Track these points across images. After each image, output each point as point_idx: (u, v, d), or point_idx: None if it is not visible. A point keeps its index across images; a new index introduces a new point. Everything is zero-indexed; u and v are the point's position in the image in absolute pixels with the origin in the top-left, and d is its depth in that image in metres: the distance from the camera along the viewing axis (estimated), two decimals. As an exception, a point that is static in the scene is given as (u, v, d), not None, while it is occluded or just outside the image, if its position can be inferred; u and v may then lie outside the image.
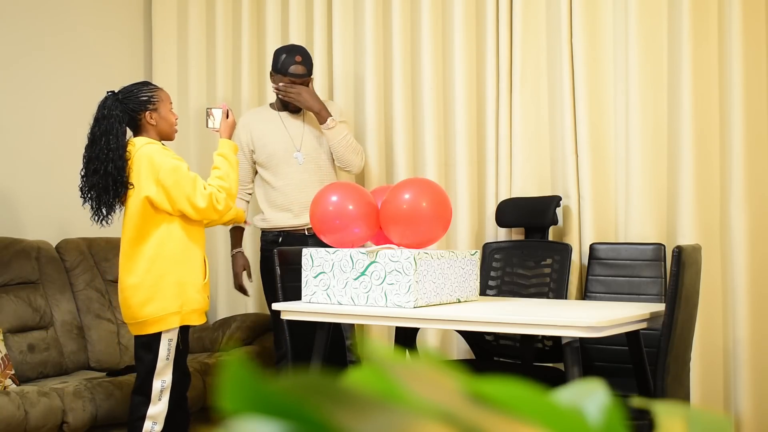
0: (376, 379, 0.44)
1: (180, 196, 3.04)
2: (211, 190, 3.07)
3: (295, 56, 3.84)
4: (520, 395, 0.44)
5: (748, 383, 3.48)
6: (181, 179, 3.05)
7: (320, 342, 3.09)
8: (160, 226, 3.08)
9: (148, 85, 3.23)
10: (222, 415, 0.40)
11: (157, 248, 3.08)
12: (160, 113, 3.18)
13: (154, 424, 3.09)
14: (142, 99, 3.16)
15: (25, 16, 4.31)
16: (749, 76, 3.52)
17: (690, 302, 2.89)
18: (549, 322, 2.64)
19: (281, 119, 3.96)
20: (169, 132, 3.22)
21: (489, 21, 4.01)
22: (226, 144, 3.22)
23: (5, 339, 3.67)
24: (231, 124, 3.29)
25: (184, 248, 3.11)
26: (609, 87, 3.80)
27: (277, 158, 3.90)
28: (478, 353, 3.80)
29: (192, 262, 3.13)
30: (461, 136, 4.05)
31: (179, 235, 3.10)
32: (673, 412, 0.50)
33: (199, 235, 3.18)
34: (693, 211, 3.55)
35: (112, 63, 4.70)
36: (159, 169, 3.05)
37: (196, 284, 3.13)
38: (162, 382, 3.10)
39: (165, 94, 3.24)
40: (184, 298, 3.10)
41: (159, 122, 3.17)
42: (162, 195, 3.05)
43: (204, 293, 3.17)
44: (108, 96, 3.16)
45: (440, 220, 3.04)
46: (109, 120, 3.09)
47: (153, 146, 3.10)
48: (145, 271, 3.08)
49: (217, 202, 3.07)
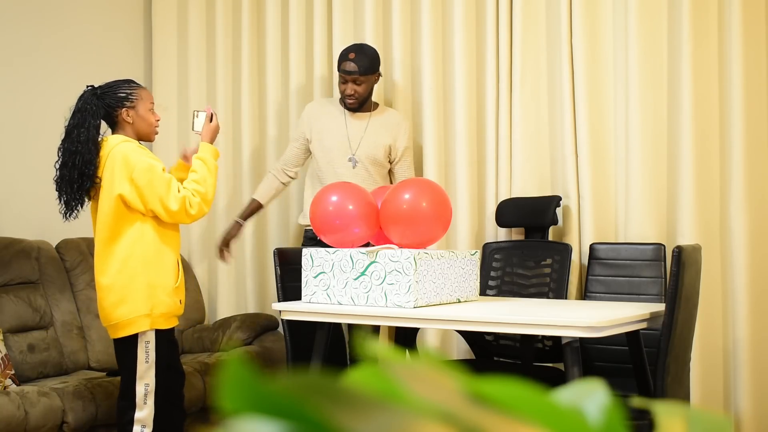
0: (376, 379, 0.44)
1: (152, 197, 2.99)
2: (185, 193, 3.02)
3: (349, 54, 3.81)
4: (520, 395, 0.44)
5: (748, 383, 3.48)
6: (155, 180, 2.99)
7: (320, 342, 3.09)
8: (133, 225, 3.03)
9: (129, 82, 3.17)
10: (222, 415, 0.40)
11: (129, 249, 3.03)
12: (137, 111, 3.12)
13: (143, 427, 3.05)
14: (119, 95, 3.11)
15: (25, 16, 4.31)
16: (749, 76, 3.52)
17: (690, 302, 2.89)
18: (549, 322, 2.64)
19: (345, 117, 3.94)
20: (147, 132, 3.16)
21: (489, 21, 4.01)
22: (207, 148, 3.16)
23: (5, 339, 3.67)
24: (214, 128, 3.23)
25: (156, 250, 3.05)
26: (609, 87, 3.80)
27: (331, 155, 3.89)
28: (478, 353, 3.80)
29: (164, 265, 3.06)
30: (461, 136, 4.05)
31: (152, 237, 3.04)
32: (673, 412, 0.50)
33: (173, 238, 3.12)
34: (693, 211, 3.55)
35: (112, 63, 4.70)
36: (133, 168, 2.99)
37: (166, 287, 3.06)
38: (145, 386, 3.04)
39: (146, 93, 3.18)
40: (155, 300, 3.03)
41: (136, 120, 3.12)
42: (135, 194, 2.99)
43: (175, 297, 3.10)
44: (87, 90, 3.13)
45: (440, 220, 3.04)
46: (83, 113, 3.06)
47: (128, 144, 3.04)
48: (117, 271, 3.03)
49: (190, 206, 3.02)
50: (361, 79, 3.80)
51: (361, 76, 3.79)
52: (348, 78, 3.79)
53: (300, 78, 4.49)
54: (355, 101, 3.84)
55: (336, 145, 3.89)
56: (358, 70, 3.77)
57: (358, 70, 3.77)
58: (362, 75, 3.79)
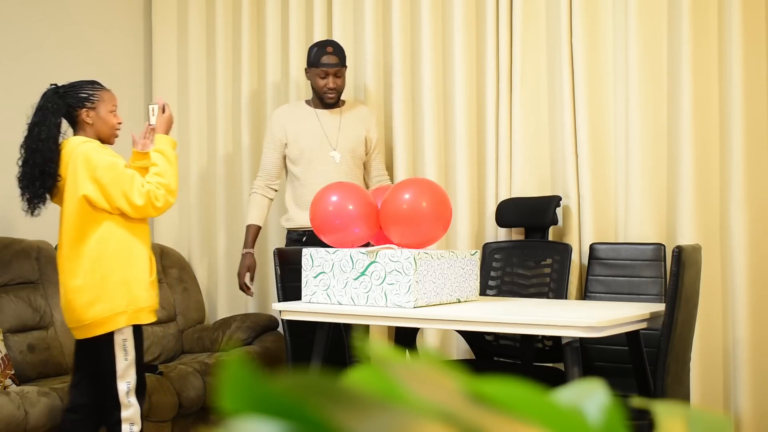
0: (376, 379, 0.44)
1: (117, 194, 2.99)
2: (149, 187, 3.02)
3: (327, 47, 3.85)
4: (520, 395, 0.44)
5: (748, 383, 3.48)
6: (118, 176, 3.00)
7: (320, 342, 3.09)
8: (101, 224, 3.03)
9: (93, 84, 3.18)
10: (222, 415, 0.40)
11: (99, 247, 3.02)
12: (98, 113, 3.12)
13: (131, 425, 3.04)
14: (80, 96, 3.11)
15: (25, 16, 4.31)
16: (749, 76, 3.52)
17: (690, 302, 2.89)
18: (549, 322, 2.64)
19: (317, 116, 3.95)
20: (108, 134, 3.15)
21: (489, 21, 4.01)
22: (162, 139, 3.15)
23: (5, 339, 3.67)
24: (167, 119, 3.22)
25: (127, 246, 3.05)
26: (609, 87, 3.80)
27: (311, 155, 3.90)
28: (478, 353, 3.80)
29: (137, 260, 3.06)
30: (461, 136, 4.05)
31: (122, 233, 3.04)
32: (673, 412, 0.50)
33: (143, 232, 3.12)
34: (693, 211, 3.55)
35: (112, 63, 4.70)
36: (95, 167, 2.99)
37: (142, 282, 3.06)
38: (127, 384, 3.03)
39: (109, 95, 3.17)
40: (131, 296, 3.03)
41: (96, 122, 3.12)
42: (99, 193, 3.00)
43: (152, 291, 3.10)
44: (50, 88, 3.13)
45: (440, 220, 3.04)
46: (44, 111, 3.07)
47: (89, 144, 3.04)
48: (89, 271, 3.02)
49: (156, 199, 3.02)
50: (341, 71, 3.86)
51: (341, 68, 3.86)
52: (330, 71, 3.84)
53: (300, 78, 4.49)
54: (335, 95, 3.90)
55: (315, 144, 3.90)
56: (338, 62, 3.83)
57: (339, 62, 3.83)
58: (342, 67, 3.86)
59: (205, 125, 4.81)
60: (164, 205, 3.05)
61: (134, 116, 4.78)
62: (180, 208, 4.80)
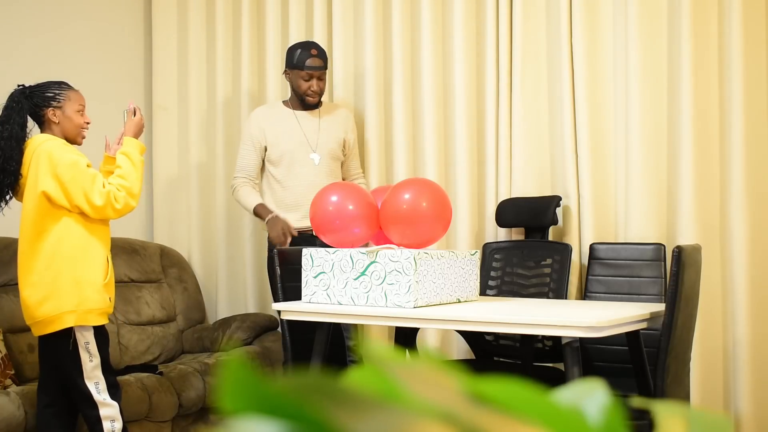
0: (376, 379, 0.44)
1: (77, 192, 3.00)
2: (110, 188, 3.03)
3: (311, 50, 3.85)
4: (520, 395, 0.44)
5: (748, 383, 3.48)
6: (79, 175, 3.01)
7: (320, 342, 3.09)
8: (59, 222, 3.04)
9: (60, 84, 3.20)
10: (222, 415, 0.40)
11: (55, 245, 3.04)
12: (64, 112, 3.14)
13: (112, 422, 3.07)
14: (47, 95, 3.14)
15: (25, 16, 4.31)
16: (749, 76, 3.52)
17: (690, 302, 2.89)
18: (549, 322, 2.64)
19: (296, 118, 3.95)
20: (74, 134, 3.17)
21: (489, 20, 4.01)
22: (130, 142, 3.17)
23: (5, 339, 3.67)
24: (136, 122, 3.24)
25: (83, 246, 3.05)
26: (609, 87, 3.80)
27: (290, 157, 3.89)
28: (478, 353, 3.80)
29: (92, 261, 3.06)
30: (461, 136, 4.05)
31: (79, 233, 3.05)
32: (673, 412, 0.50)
33: (102, 233, 3.12)
34: (693, 211, 3.55)
35: (112, 63, 4.70)
36: (57, 164, 3.01)
37: (95, 283, 3.06)
38: (95, 385, 3.04)
39: (76, 95, 3.19)
40: (81, 297, 3.03)
41: (62, 121, 3.14)
42: (59, 190, 3.01)
43: (105, 293, 3.09)
44: (17, 88, 3.16)
45: (440, 220, 3.04)
46: (9, 110, 3.09)
47: (53, 142, 3.06)
48: (44, 268, 3.04)
49: (116, 201, 3.03)
50: (324, 74, 3.88)
51: (325, 70, 3.88)
52: (314, 74, 3.84)
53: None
54: (318, 97, 3.91)
55: (295, 146, 3.89)
56: (323, 65, 3.83)
57: (323, 65, 3.83)
58: (325, 69, 3.88)
59: (205, 125, 4.81)
60: (124, 208, 3.05)
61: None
62: (180, 208, 4.80)
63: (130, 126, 3.22)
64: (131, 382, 3.66)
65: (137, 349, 4.13)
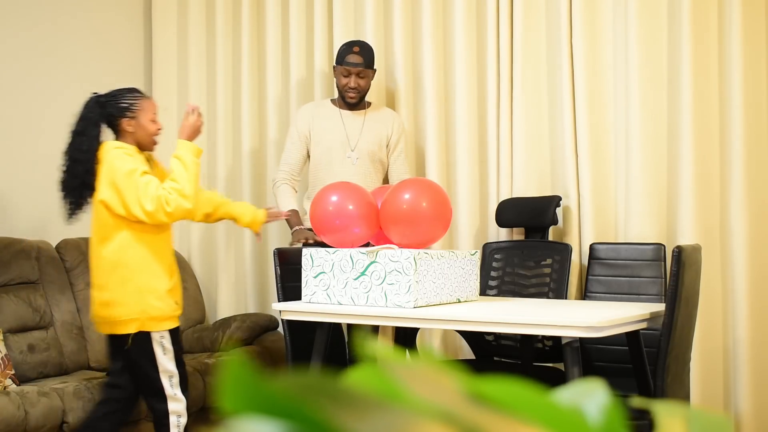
0: (376, 379, 0.44)
1: (132, 200, 3.03)
2: (161, 193, 3.04)
3: (354, 47, 3.84)
4: (520, 395, 0.44)
5: (748, 383, 3.48)
6: (133, 182, 3.03)
7: (320, 342, 3.09)
8: (121, 231, 3.08)
9: (133, 92, 3.22)
10: (222, 415, 0.40)
11: (118, 253, 3.08)
12: (138, 121, 3.16)
13: (179, 417, 3.13)
14: (121, 105, 3.16)
15: (25, 17, 4.31)
16: (749, 76, 3.52)
17: (690, 302, 2.89)
18: (549, 322, 2.64)
19: (341, 116, 3.94)
20: (147, 142, 3.20)
21: (490, 21, 4.01)
22: (181, 145, 3.18)
23: (5, 339, 3.67)
24: (189, 125, 3.23)
25: (145, 255, 3.09)
26: (609, 87, 3.80)
27: (330, 155, 3.88)
28: (478, 353, 3.80)
29: (154, 269, 3.11)
30: (462, 136, 4.05)
31: (140, 242, 3.09)
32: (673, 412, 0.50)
33: (163, 241, 3.15)
34: (693, 211, 3.55)
35: (113, 63, 4.70)
36: (115, 174, 3.05)
37: (157, 291, 3.10)
38: (170, 378, 3.12)
39: (149, 103, 3.21)
40: (144, 305, 3.08)
41: (137, 130, 3.16)
42: (116, 199, 3.05)
43: (170, 299, 3.14)
44: (91, 97, 3.18)
45: (440, 220, 3.04)
46: (85, 121, 3.13)
47: (117, 151, 3.09)
48: (108, 274, 3.10)
49: (167, 204, 3.03)
50: (365, 72, 3.84)
51: (365, 69, 3.83)
52: (352, 71, 3.82)
53: (300, 78, 4.49)
54: (356, 95, 3.86)
55: (336, 144, 3.89)
56: (363, 62, 3.81)
57: (363, 63, 3.82)
58: (366, 68, 3.84)
59: (205, 125, 4.81)
60: (176, 210, 3.05)
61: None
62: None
63: (183, 128, 3.23)
64: (131, 382, 3.66)
65: (137, 349, 4.13)
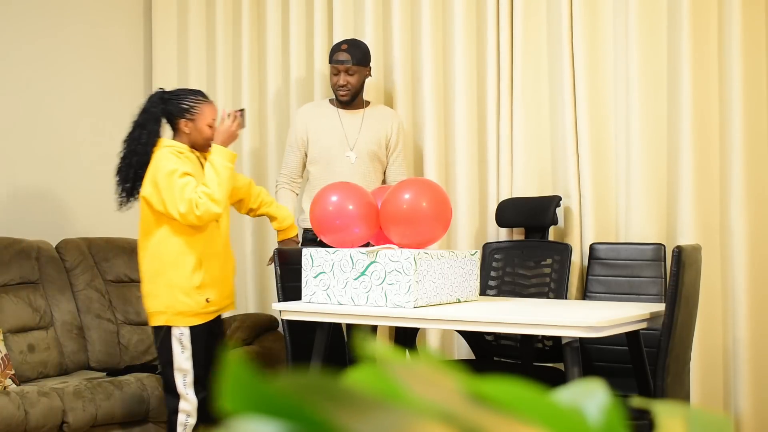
0: (376, 379, 0.44)
1: (169, 200, 3.11)
2: (193, 195, 3.10)
3: (342, 45, 3.84)
4: (520, 395, 0.44)
5: (749, 383, 3.48)
6: (172, 183, 3.11)
7: (320, 342, 3.09)
8: (161, 226, 3.18)
9: (197, 94, 3.31)
10: (222, 415, 0.40)
11: (156, 247, 3.20)
12: (195, 124, 3.26)
13: (187, 417, 3.20)
14: (182, 106, 3.25)
15: (25, 16, 4.31)
16: (749, 76, 3.52)
17: (690, 302, 2.89)
18: (549, 322, 2.64)
19: (339, 116, 3.93)
20: (201, 145, 3.28)
21: (490, 21, 4.01)
22: (215, 150, 3.22)
23: (5, 339, 3.67)
24: (223, 130, 3.27)
25: (177, 250, 3.18)
26: (609, 87, 3.80)
27: (329, 155, 3.87)
28: (478, 353, 3.80)
29: (184, 265, 3.19)
30: (462, 136, 4.05)
31: (176, 237, 3.18)
32: (673, 412, 0.50)
33: (197, 239, 3.21)
34: (693, 211, 3.55)
35: (112, 63, 4.70)
36: (157, 172, 3.13)
37: (185, 287, 3.19)
38: (183, 376, 3.19)
39: (210, 108, 3.29)
40: (173, 299, 3.18)
41: (193, 132, 3.26)
42: (157, 197, 3.13)
43: (199, 295, 3.21)
44: (156, 92, 3.30)
45: (440, 220, 3.04)
46: (147, 115, 3.23)
47: (166, 150, 3.19)
48: (147, 267, 3.24)
49: (196, 207, 3.09)
50: (354, 69, 3.83)
51: (354, 66, 3.82)
52: (340, 68, 3.82)
53: (300, 78, 4.49)
54: (347, 92, 3.85)
55: (334, 143, 3.88)
56: (350, 59, 3.81)
57: (351, 60, 3.81)
58: (354, 65, 3.82)
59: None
60: (204, 214, 3.11)
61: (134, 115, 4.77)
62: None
63: (218, 134, 3.28)
64: (131, 382, 3.67)
65: (137, 349, 4.13)
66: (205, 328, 3.24)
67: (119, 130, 3.39)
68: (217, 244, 3.31)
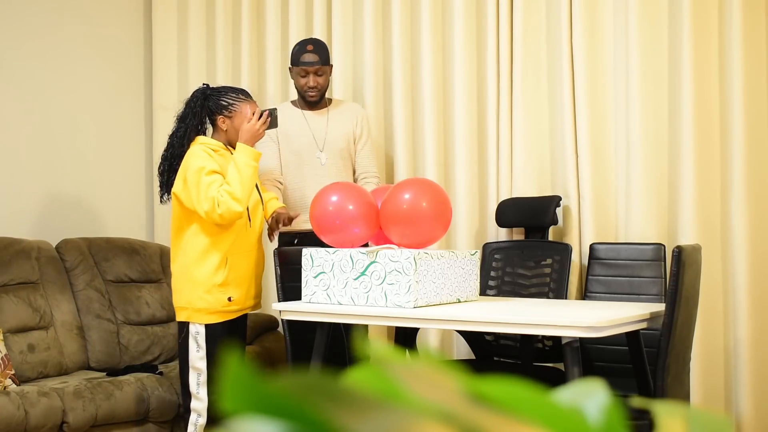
0: (376, 379, 0.44)
1: (195, 197, 3.14)
2: (215, 194, 3.12)
3: (307, 45, 3.84)
4: (520, 395, 0.44)
5: (749, 383, 3.48)
6: (199, 181, 3.14)
7: (320, 342, 3.09)
8: (191, 224, 3.23)
9: (239, 92, 3.35)
10: (222, 415, 0.40)
11: (184, 243, 3.25)
12: (233, 122, 3.29)
13: (198, 416, 3.23)
14: (222, 103, 3.30)
15: (25, 16, 4.31)
16: (749, 76, 3.52)
17: (690, 302, 2.89)
18: (549, 322, 2.64)
19: (305, 117, 3.92)
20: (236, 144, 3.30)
21: (489, 20, 4.01)
22: (239, 148, 3.24)
23: (5, 339, 3.67)
24: (247, 129, 3.27)
25: (202, 248, 3.22)
26: (609, 87, 3.80)
27: (299, 158, 3.86)
28: (478, 353, 3.80)
29: (207, 262, 3.22)
30: (461, 136, 4.05)
31: (202, 235, 3.22)
32: (673, 412, 0.50)
33: (223, 237, 3.24)
34: (693, 211, 3.55)
35: (112, 63, 4.70)
36: (188, 169, 3.17)
37: (207, 284, 3.22)
38: (197, 375, 3.22)
39: (249, 107, 3.31)
40: (194, 296, 3.23)
41: (230, 130, 3.30)
42: (186, 194, 3.17)
43: (221, 294, 3.24)
44: (200, 87, 3.36)
45: (440, 220, 3.04)
46: (188, 109, 3.29)
47: (198, 147, 3.22)
48: (176, 261, 3.30)
49: (218, 206, 3.12)
50: (322, 69, 3.84)
51: (322, 66, 3.83)
52: (309, 70, 3.82)
53: (300, 78, 4.49)
54: (316, 93, 3.86)
55: (304, 146, 3.86)
56: (319, 60, 3.81)
57: (319, 61, 3.81)
58: (323, 65, 3.84)
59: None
60: (225, 212, 3.12)
61: (134, 115, 4.78)
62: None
63: (243, 132, 3.29)
64: (131, 382, 3.67)
65: (137, 349, 4.13)
66: (225, 328, 3.26)
67: (119, 130, 3.40)
68: (247, 242, 3.32)
